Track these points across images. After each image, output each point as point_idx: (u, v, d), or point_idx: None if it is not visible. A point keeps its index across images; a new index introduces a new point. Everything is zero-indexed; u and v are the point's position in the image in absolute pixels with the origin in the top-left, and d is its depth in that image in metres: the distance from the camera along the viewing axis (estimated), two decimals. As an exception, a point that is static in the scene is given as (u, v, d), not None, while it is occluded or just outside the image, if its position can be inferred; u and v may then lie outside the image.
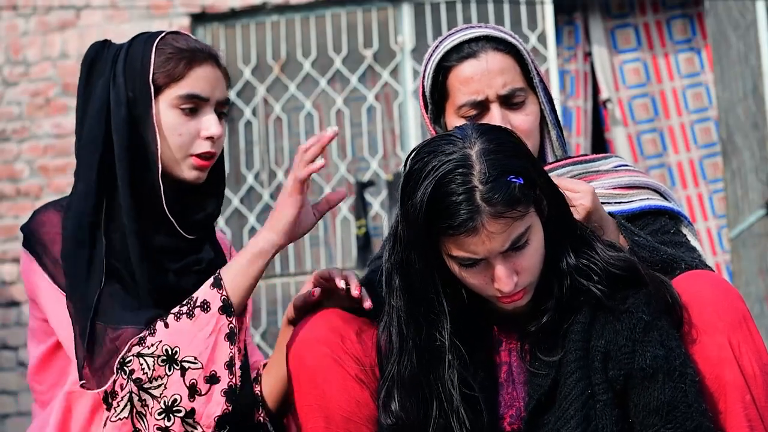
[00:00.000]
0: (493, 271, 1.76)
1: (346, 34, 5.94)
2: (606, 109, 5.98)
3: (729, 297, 1.89)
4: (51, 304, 1.98)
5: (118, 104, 2.01)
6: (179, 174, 2.05)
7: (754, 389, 1.83)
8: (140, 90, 2.02)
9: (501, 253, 1.74)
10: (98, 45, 2.09)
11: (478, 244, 1.73)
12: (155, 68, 2.02)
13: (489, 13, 5.82)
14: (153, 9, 5.86)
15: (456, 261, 1.78)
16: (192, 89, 2.03)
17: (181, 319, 1.93)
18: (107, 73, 2.04)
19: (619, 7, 5.99)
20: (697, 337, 1.84)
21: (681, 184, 5.92)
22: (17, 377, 5.59)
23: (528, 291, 1.81)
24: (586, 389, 1.79)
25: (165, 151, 2.03)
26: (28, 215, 2.15)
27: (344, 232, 5.89)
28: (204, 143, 2.05)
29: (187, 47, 2.05)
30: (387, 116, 5.96)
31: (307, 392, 1.92)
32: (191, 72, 2.04)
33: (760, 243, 5.25)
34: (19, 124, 5.86)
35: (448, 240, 1.75)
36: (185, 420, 1.89)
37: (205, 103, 2.05)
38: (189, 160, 2.05)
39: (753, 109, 5.31)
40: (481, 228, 1.71)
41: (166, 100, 2.03)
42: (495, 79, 2.15)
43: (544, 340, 1.84)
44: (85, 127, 2.05)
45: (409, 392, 1.84)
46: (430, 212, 1.73)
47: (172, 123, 2.03)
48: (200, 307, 1.93)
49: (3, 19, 5.97)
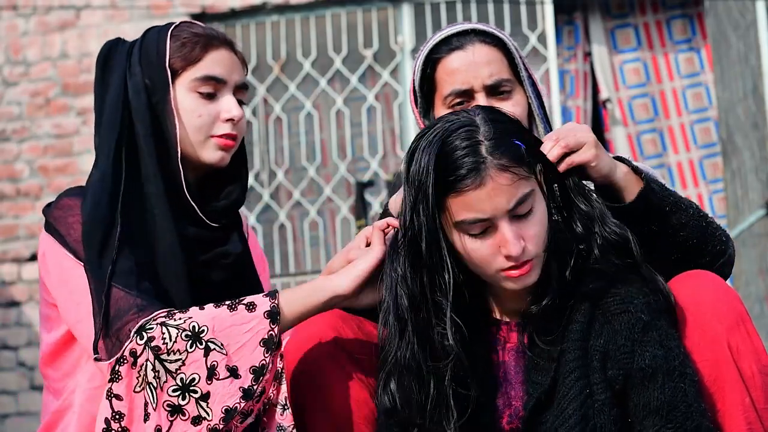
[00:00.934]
0: (500, 238, 1.77)
1: (346, 34, 5.94)
2: (606, 109, 5.98)
3: (727, 298, 1.89)
4: (75, 279, 1.92)
5: (137, 92, 2.00)
6: (202, 157, 2.03)
7: (753, 391, 1.83)
8: (157, 76, 2.01)
9: (507, 216, 1.76)
10: (111, 42, 2.08)
11: (485, 200, 1.74)
12: (171, 53, 2.02)
13: (489, 13, 5.82)
14: (153, 9, 5.86)
15: (463, 229, 1.78)
16: (209, 71, 2.03)
17: (221, 308, 1.84)
18: (122, 65, 2.02)
19: (619, 7, 5.99)
20: (696, 338, 1.84)
21: (681, 184, 5.92)
22: (17, 377, 5.60)
23: (535, 266, 1.80)
24: (584, 388, 1.79)
25: (185, 135, 2.01)
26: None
27: (344, 232, 5.89)
28: (225, 125, 2.04)
29: (203, 32, 2.05)
30: (387, 116, 5.96)
31: (308, 392, 1.92)
32: (207, 55, 2.03)
33: (760, 243, 5.25)
34: (19, 124, 5.86)
35: (454, 201, 1.76)
36: (200, 402, 1.79)
37: (223, 85, 2.05)
38: (211, 141, 2.04)
39: (753, 109, 5.31)
40: (487, 180, 1.74)
41: (183, 83, 2.02)
42: (481, 70, 2.17)
43: (545, 329, 1.83)
44: (104, 117, 2.02)
45: (407, 377, 1.83)
46: (437, 169, 1.75)
47: (190, 106, 2.02)
48: (246, 305, 1.85)
49: (3, 19, 5.97)
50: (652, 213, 1.93)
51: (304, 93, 5.95)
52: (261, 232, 5.89)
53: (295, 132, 5.98)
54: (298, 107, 5.96)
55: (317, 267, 5.87)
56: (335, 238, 5.90)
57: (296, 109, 5.97)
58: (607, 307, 1.81)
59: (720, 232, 2.01)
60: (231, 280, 2.06)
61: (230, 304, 1.85)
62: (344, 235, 5.88)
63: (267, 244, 5.90)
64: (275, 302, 1.85)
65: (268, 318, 1.83)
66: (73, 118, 5.81)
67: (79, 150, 5.77)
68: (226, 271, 2.04)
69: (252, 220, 5.89)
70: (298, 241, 5.94)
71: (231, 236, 2.08)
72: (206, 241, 2.04)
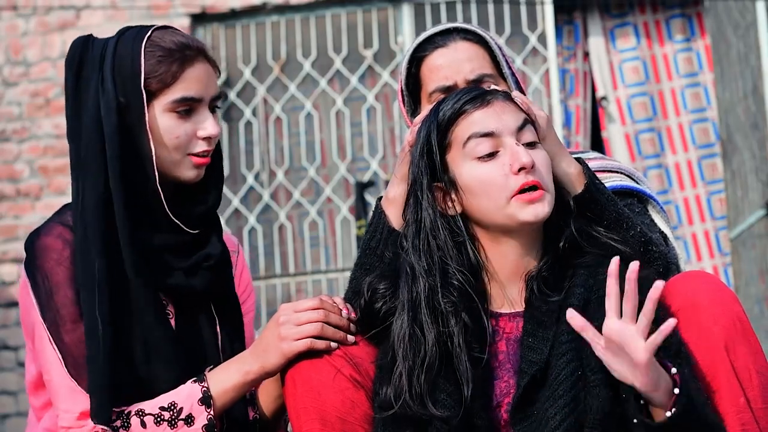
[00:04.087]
0: (510, 154, 1.85)
1: (346, 35, 5.94)
2: (602, 107, 5.96)
3: (725, 299, 1.88)
4: (40, 342, 1.97)
5: (108, 112, 1.97)
6: (178, 175, 2.03)
7: (750, 392, 1.82)
8: (132, 96, 1.99)
9: (515, 137, 1.86)
10: (81, 42, 2.04)
11: (492, 116, 1.86)
12: (147, 73, 1.98)
13: (489, 14, 5.83)
14: (153, 9, 5.87)
15: (471, 153, 1.86)
16: (186, 92, 2.00)
17: (161, 425, 1.94)
18: (95, 77, 1.99)
19: (618, 6, 5.99)
20: (692, 339, 1.84)
21: (678, 185, 5.90)
22: (17, 377, 5.60)
23: (546, 197, 1.85)
24: (576, 370, 1.79)
25: (162, 155, 2.00)
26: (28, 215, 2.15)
27: (344, 232, 5.89)
28: (201, 143, 2.03)
29: (176, 46, 2.01)
30: (387, 116, 5.96)
31: (302, 393, 1.92)
32: (183, 74, 2.00)
33: (760, 244, 5.25)
34: (19, 124, 5.86)
35: (461, 125, 1.88)
36: None
37: (199, 103, 2.03)
38: (187, 160, 2.03)
39: (753, 109, 5.31)
40: (493, 101, 1.88)
41: (160, 105, 2.00)
42: (463, 65, 2.24)
43: (542, 314, 1.85)
44: (83, 137, 1.99)
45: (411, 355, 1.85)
46: (441, 112, 1.89)
47: (167, 126, 2.00)
48: (184, 420, 1.95)
49: (3, 19, 5.97)
50: (588, 214, 1.97)
51: (304, 93, 5.95)
52: (261, 232, 5.90)
53: (295, 132, 5.98)
54: (298, 107, 5.96)
55: (317, 267, 5.88)
56: (335, 238, 5.90)
57: (296, 110, 5.97)
58: (602, 291, 1.80)
59: (660, 263, 2.01)
60: (214, 286, 2.08)
61: (170, 420, 1.94)
62: (344, 235, 5.88)
63: (267, 244, 5.90)
64: (211, 413, 1.95)
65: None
66: (73, 118, 5.81)
67: (79, 150, 5.77)
68: (209, 274, 2.05)
69: (252, 220, 5.90)
70: (297, 241, 5.94)
71: (210, 239, 2.08)
72: (187, 247, 2.04)
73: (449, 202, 1.90)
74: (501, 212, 1.86)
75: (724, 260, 5.80)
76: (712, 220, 5.87)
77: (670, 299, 1.87)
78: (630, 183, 2.25)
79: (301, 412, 1.92)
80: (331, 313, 1.94)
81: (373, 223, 2.15)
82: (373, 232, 2.12)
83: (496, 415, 1.87)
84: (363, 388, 1.93)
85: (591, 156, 2.32)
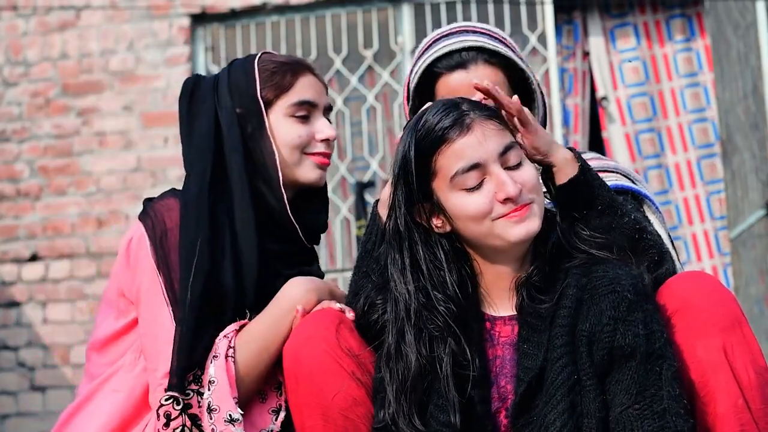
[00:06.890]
0: (495, 183, 1.84)
1: (346, 35, 5.94)
2: (602, 107, 5.97)
3: (723, 299, 1.89)
4: (150, 297, 2.03)
5: (230, 124, 2.10)
6: (299, 177, 2.15)
7: (748, 393, 1.83)
8: (249, 106, 2.13)
9: (499, 162, 1.84)
10: (193, 78, 2.19)
11: (475, 145, 1.84)
12: (261, 84, 2.13)
13: (489, 14, 5.82)
14: (153, 9, 5.86)
15: (458, 185, 1.85)
16: (303, 96, 2.15)
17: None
18: (210, 100, 2.13)
19: (618, 6, 5.99)
20: (690, 340, 1.84)
21: (678, 185, 5.90)
22: (17, 377, 5.60)
23: (535, 211, 1.86)
24: (572, 375, 1.80)
25: (282, 158, 2.13)
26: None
27: (344, 232, 5.89)
28: (320, 144, 2.17)
29: (288, 60, 2.18)
30: (386, 116, 5.96)
31: (305, 390, 1.93)
32: (297, 81, 2.16)
33: (760, 244, 5.24)
34: (19, 124, 5.86)
35: (445, 155, 1.84)
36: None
37: (315, 108, 2.18)
38: (309, 161, 2.16)
39: (753, 109, 5.31)
40: (474, 126, 1.84)
41: (278, 111, 2.14)
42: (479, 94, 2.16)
43: (538, 299, 1.86)
44: (194, 142, 2.12)
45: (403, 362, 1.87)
46: (421, 135, 1.86)
47: (288, 129, 2.14)
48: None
49: (3, 19, 5.97)
50: (579, 203, 1.96)
51: (304, 93, 5.95)
52: (261, 232, 5.90)
53: (295, 132, 5.98)
54: (298, 107, 5.96)
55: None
56: (335, 238, 5.90)
57: (296, 110, 5.97)
58: (595, 290, 1.83)
59: (654, 251, 2.00)
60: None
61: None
62: (344, 235, 5.88)
63: (267, 244, 5.90)
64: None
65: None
66: (73, 118, 5.81)
67: (79, 150, 5.77)
68: None
69: (252, 221, 5.90)
70: (297, 241, 5.94)
71: (314, 259, 2.22)
72: (296, 258, 2.17)
73: (436, 221, 1.91)
74: (491, 233, 1.87)
75: (724, 260, 5.79)
76: (711, 220, 5.86)
77: (669, 300, 1.88)
78: (626, 182, 2.25)
79: (303, 408, 1.93)
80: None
81: (369, 226, 2.15)
82: (369, 235, 2.13)
83: (496, 420, 1.87)
84: (365, 385, 1.94)
85: (589, 156, 2.31)
